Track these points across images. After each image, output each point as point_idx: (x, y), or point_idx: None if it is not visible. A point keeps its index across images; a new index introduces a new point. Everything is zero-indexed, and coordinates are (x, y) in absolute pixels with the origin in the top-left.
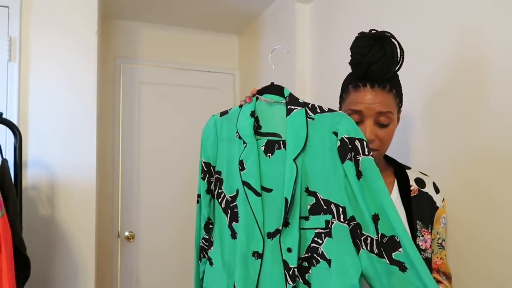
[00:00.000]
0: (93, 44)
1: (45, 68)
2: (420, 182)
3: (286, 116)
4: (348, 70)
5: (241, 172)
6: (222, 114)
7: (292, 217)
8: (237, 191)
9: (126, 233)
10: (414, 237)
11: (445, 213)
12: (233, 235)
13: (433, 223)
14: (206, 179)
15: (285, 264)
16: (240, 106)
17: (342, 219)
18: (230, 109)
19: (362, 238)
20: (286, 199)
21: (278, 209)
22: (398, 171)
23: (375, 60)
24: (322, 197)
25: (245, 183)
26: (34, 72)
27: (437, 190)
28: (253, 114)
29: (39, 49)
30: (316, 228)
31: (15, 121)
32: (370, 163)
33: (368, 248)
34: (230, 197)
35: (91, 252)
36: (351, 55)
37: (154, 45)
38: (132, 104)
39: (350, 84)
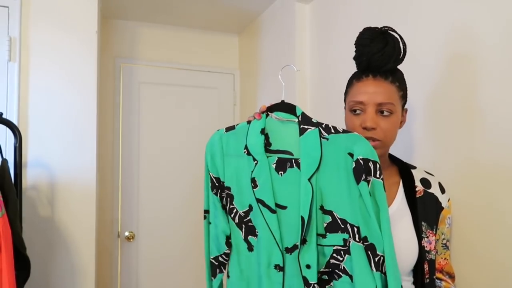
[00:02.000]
0: (93, 44)
1: (45, 68)
2: (425, 183)
3: (300, 136)
4: (348, 69)
5: (254, 189)
6: (228, 129)
7: (309, 235)
8: (250, 206)
9: (126, 233)
10: (420, 238)
11: (451, 213)
12: (250, 247)
13: (438, 224)
14: (219, 194)
15: (305, 280)
16: (248, 122)
17: (357, 239)
18: (237, 124)
19: (376, 258)
20: (302, 218)
21: (294, 226)
22: (403, 171)
23: (377, 51)
24: (339, 216)
25: (259, 201)
26: (34, 72)
27: (442, 190)
28: (263, 131)
29: (39, 49)
30: (334, 245)
31: (15, 121)
32: (379, 185)
33: (380, 268)
34: (243, 212)
35: (91, 252)
36: (355, 50)
37: (154, 45)
38: (132, 104)
39: (354, 78)
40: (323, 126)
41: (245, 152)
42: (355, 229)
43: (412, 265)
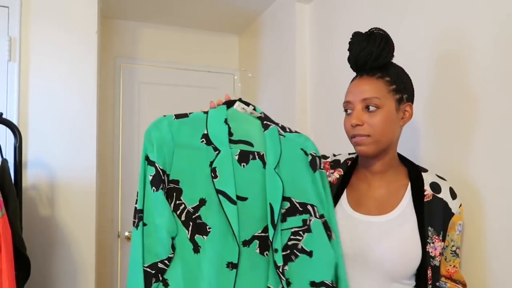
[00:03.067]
0: (93, 44)
1: (45, 68)
2: (435, 187)
3: (265, 131)
4: (348, 70)
5: (214, 180)
6: (179, 116)
7: (276, 220)
8: (201, 201)
9: (126, 233)
10: (424, 244)
11: (462, 220)
12: (196, 248)
13: (447, 230)
14: (161, 188)
15: (275, 264)
16: (205, 112)
17: (318, 216)
18: (190, 113)
19: (330, 231)
20: (271, 205)
21: (254, 217)
22: (412, 173)
23: (360, 50)
24: (297, 201)
25: (219, 192)
26: (34, 72)
27: (453, 196)
28: (226, 121)
29: (39, 49)
30: (292, 228)
31: (15, 121)
32: (323, 174)
33: (333, 237)
34: (192, 208)
35: (91, 252)
36: None
37: (154, 45)
38: (132, 104)
39: (351, 82)
40: (280, 125)
41: (203, 141)
42: (315, 208)
43: (414, 269)
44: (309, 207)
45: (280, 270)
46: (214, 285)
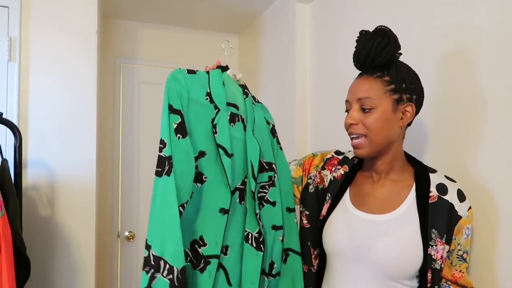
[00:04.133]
0: (93, 44)
1: (45, 68)
2: (441, 189)
3: (245, 98)
4: (348, 69)
5: (215, 135)
6: (190, 72)
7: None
8: (201, 153)
9: (126, 233)
10: (427, 246)
11: (471, 223)
12: (191, 195)
13: (453, 233)
14: (186, 136)
15: (255, 211)
16: (207, 72)
17: (277, 173)
18: (197, 70)
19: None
20: (252, 162)
21: (237, 171)
22: (419, 174)
23: (361, 49)
24: (264, 161)
25: (219, 146)
26: (34, 72)
27: (461, 198)
28: (223, 83)
29: (39, 49)
30: (261, 182)
31: (15, 121)
32: (275, 142)
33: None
34: (194, 158)
35: (91, 252)
36: None
37: (154, 45)
38: (132, 104)
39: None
40: (252, 95)
41: (207, 99)
42: (276, 167)
43: (414, 271)
44: (274, 166)
45: (258, 216)
46: (208, 227)
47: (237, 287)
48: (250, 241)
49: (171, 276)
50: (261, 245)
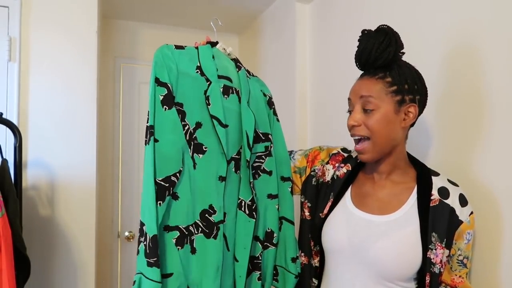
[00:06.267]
0: (93, 44)
1: (45, 68)
2: (443, 192)
3: (238, 71)
4: (348, 69)
5: (208, 106)
6: (177, 47)
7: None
8: (198, 124)
9: (126, 233)
10: (426, 249)
11: (472, 228)
12: (194, 165)
13: (454, 238)
14: (173, 107)
15: (249, 180)
16: (196, 48)
17: (273, 144)
18: (185, 46)
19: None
20: (247, 133)
21: (232, 141)
22: (421, 177)
23: (362, 50)
24: (260, 131)
25: (213, 117)
26: (34, 72)
27: (463, 203)
28: (213, 57)
29: (39, 49)
30: (257, 152)
31: (15, 121)
32: (272, 113)
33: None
34: (192, 129)
35: (91, 252)
36: None
37: (154, 45)
38: (132, 104)
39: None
40: (246, 68)
41: (197, 72)
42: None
43: (411, 273)
44: (270, 136)
45: (252, 185)
46: (212, 195)
47: (233, 252)
48: (243, 208)
49: (145, 242)
50: (254, 213)
